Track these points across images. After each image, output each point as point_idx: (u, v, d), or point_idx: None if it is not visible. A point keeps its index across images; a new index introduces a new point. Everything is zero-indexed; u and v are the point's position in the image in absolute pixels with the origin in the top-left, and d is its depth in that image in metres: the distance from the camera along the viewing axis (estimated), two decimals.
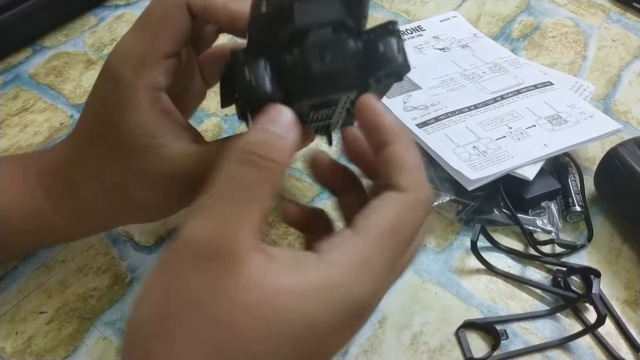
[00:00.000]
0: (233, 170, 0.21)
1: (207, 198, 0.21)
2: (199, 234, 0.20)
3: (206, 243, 0.20)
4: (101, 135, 0.29)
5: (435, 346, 0.36)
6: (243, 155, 0.21)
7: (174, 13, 0.27)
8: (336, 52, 0.23)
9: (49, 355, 0.34)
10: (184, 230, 0.21)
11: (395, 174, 0.23)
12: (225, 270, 0.20)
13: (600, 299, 0.36)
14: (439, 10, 0.60)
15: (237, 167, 0.21)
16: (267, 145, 0.22)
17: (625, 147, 0.42)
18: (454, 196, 0.42)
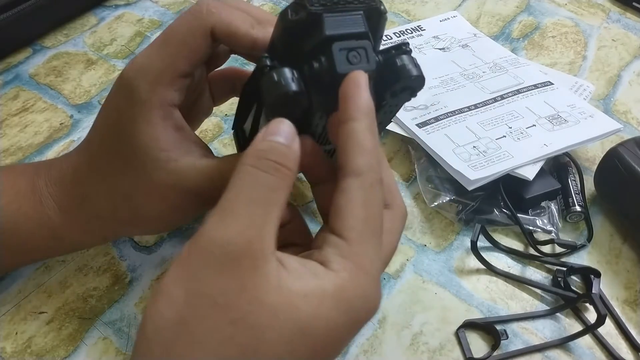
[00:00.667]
0: (253, 174, 0.22)
1: (230, 201, 0.22)
2: (226, 235, 0.21)
3: (231, 244, 0.21)
4: (112, 147, 0.29)
5: (435, 346, 0.36)
6: (260, 161, 0.22)
7: (198, 36, 0.27)
8: (362, 56, 0.25)
9: (49, 355, 0.34)
10: (207, 231, 0.21)
11: (350, 155, 0.23)
12: (251, 272, 0.21)
13: (600, 299, 0.36)
14: (439, 10, 0.60)
15: (257, 172, 0.22)
16: (278, 153, 0.23)
17: (625, 147, 0.42)
18: (454, 196, 0.42)
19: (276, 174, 0.22)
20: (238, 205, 0.22)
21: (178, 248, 0.39)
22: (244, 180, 0.22)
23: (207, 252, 0.21)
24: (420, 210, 0.43)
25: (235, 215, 0.21)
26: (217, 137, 0.47)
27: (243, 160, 0.23)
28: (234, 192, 0.22)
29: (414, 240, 0.41)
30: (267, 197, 0.22)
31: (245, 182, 0.22)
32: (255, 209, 0.21)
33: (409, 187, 0.44)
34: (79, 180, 0.30)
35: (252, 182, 0.22)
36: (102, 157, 0.30)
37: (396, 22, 0.59)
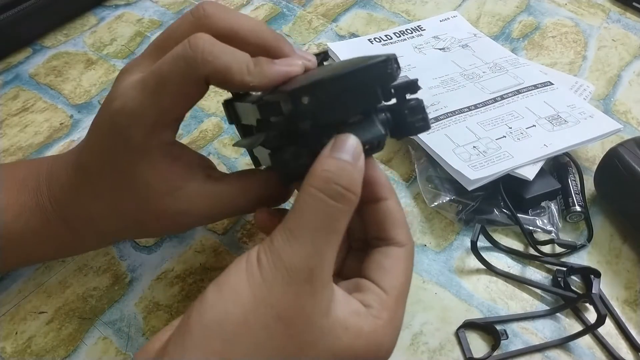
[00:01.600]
0: (319, 201, 0.23)
1: (296, 224, 0.23)
2: (292, 259, 0.23)
3: (298, 269, 0.22)
4: (115, 182, 0.29)
5: (435, 346, 0.36)
6: (327, 185, 0.23)
7: (192, 85, 0.27)
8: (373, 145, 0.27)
9: (49, 355, 0.34)
10: (277, 249, 0.23)
11: (393, 228, 0.28)
12: (310, 296, 0.23)
13: (600, 299, 0.36)
14: (439, 10, 0.60)
15: (323, 198, 0.23)
16: (346, 176, 0.24)
17: (625, 147, 0.42)
18: (454, 196, 0.42)
19: (342, 201, 0.24)
20: (303, 232, 0.23)
21: (178, 248, 0.39)
22: (310, 206, 0.23)
23: (278, 268, 0.23)
24: (420, 210, 0.43)
25: (300, 242, 0.23)
26: (217, 137, 0.47)
27: (310, 181, 0.24)
28: (300, 216, 0.23)
29: (413, 240, 0.41)
30: (331, 226, 0.23)
31: (311, 208, 0.23)
32: (319, 238, 0.23)
33: (409, 187, 0.44)
34: (83, 203, 0.30)
35: (318, 209, 0.23)
36: (105, 188, 0.29)
37: (396, 22, 0.59)
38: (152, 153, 0.28)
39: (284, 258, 0.23)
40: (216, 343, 0.22)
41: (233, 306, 0.22)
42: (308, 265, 0.23)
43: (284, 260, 0.23)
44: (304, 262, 0.23)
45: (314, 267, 0.23)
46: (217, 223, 0.41)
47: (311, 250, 0.23)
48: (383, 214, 0.28)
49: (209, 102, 0.48)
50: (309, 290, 0.23)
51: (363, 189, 0.26)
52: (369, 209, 0.28)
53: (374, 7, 0.61)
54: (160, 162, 0.28)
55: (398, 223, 0.28)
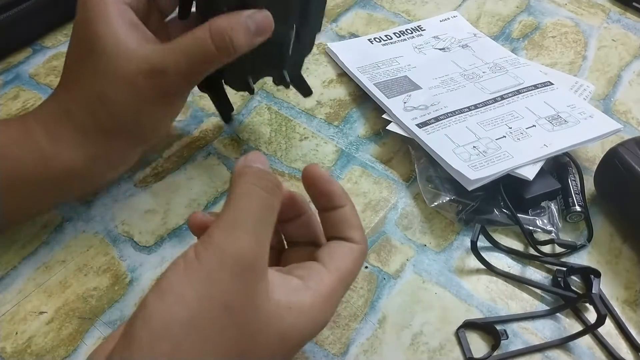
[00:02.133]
0: (259, 195, 0.25)
1: (237, 217, 0.24)
2: (239, 248, 0.23)
3: (244, 257, 0.23)
4: (82, 49, 0.32)
5: (435, 346, 0.36)
6: (261, 181, 0.26)
7: None
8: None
9: (49, 355, 0.34)
10: (219, 241, 0.23)
11: (349, 230, 0.30)
12: (256, 283, 0.24)
13: (600, 299, 0.36)
14: (439, 10, 0.60)
15: (261, 192, 0.25)
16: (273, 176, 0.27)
17: (625, 147, 0.42)
18: (454, 196, 0.42)
19: (274, 195, 0.26)
20: (245, 222, 0.24)
21: (178, 248, 0.39)
22: (249, 198, 0.25)
23: (221, 260, 0.23)
24: (420, 210, 0.43)
25: (243, 232, 0.24)
26: (217, 137, 0.47)
27: (245, 178, 0.26)
28: (241, 208, 0.25)
29: (414, 240, 0.41)
30: (270, 217, 0.26)
31: (251, 201, 0.25)
32: (262, 228, 0.25)
33: (409, 187, 0.44)
34: (60, 98, 0.33)
35: (259, 201, 0.25)
36: (74, 66, 0.33)
37: (396, 22, 0.59)
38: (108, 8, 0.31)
39: (227, 249, 0.23)
40: (164, 346, 0.21)
41: (177, 307, 0.22)
42: (254, 254, 0.23)
43: (228, 251, 0.23)
44: (248, 251, 0.23)
45: (258, 256, 0.24)
46: None
47: (254, 238, 0.24)
48: (340, 218, 0.30)
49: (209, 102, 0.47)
50: (253, 278, 0.23)
51: (321, 199, 0.30)
52: (328, 215, 0.31)
53: (374, 7, 0.61)
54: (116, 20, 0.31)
55: (354, 225, 0.30)
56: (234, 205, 0.25)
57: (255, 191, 0.25)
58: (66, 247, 0.39)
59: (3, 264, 0.37)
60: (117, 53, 0.31)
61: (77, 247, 0.39)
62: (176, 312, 0.22)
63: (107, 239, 0.39)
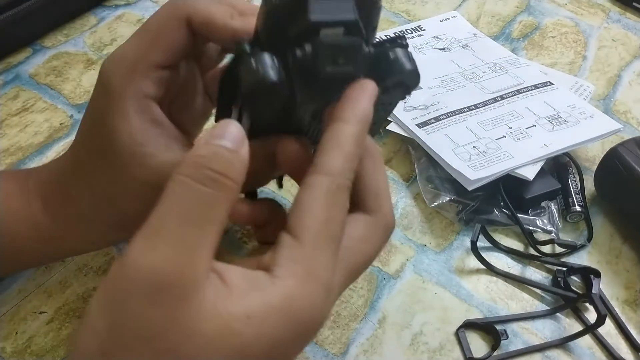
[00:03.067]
0: (187, 188, 0.20)
1: (159, 220, 0.19)
2: (153, 262, 0.18)
3: (159, 273, 0.18)
4: (93, 144, 0.28)
5: (435, 346, 0.36)
6: (197, 171, 0.20)
7: (172, 24, 0.27)
8: (349, 56, 0.22)
9: (49, 355, 0.34)
10: (133, 256, 0.19)
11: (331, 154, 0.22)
12: (182, 302, 0.19)
13: (600, 299, 0.36)
14: (439, 10, 0.60)
15: (192, 184, 0.19)
16: (221, 160, 0.20)
17: (625, 147, 0.42)
18: (454, 196, 0.42)
19: (215, 187, 0.20)
20: (168, 226, 0.19)
21: None
22: (176, 194, 0.20)
23: (132, 280, 0.19)
24: (420, 210, 0.43)
25: (164, 238, 0.19)
26: None
27: (178, 169, 0.20)
28: (165, 208, 0.19)
29: (414, 240, 0.41)
30: (203, 215, 0.19)
31: (177, 197, 0.19)
32: (187, 230, 0.19)
33: (409, 187, 0.44)
34: (64, 180, 0.30)
35: (185, 196, 0.19)
36: (84, 156, 0.29)
37: (396, 22, 0.59)
38: (127, 102, 0.26)
39: (141, 265, 0.18)
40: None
41: (88, 341, 0.19)
42: (175, 266, 0.18)
43: (142, 267, 0.18)
44: (168, 264, 0.18)
45: (182, 266, 0.19)
46: None
47: (178, 246, 0.19)
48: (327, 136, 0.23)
49: None
50: (177, 297, 0.18)
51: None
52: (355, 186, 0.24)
53: None
54: (135, 117, 0.26)
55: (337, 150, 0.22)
56: (159, 206, 0.20)
57: (186, 186, 0.19)
58: None
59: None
60: (133, 159, 0.27)
61: None
62: (89, 346, 0.19)
63: None
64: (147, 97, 0.27)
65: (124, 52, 0.27)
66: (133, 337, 0.18)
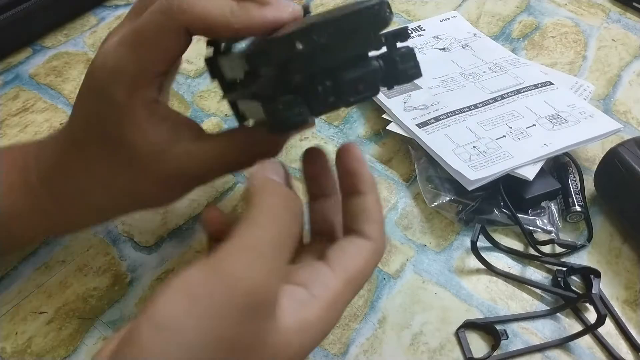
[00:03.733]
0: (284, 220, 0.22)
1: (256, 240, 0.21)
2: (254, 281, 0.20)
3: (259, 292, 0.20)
4: (103, 149, 0.28)
5: (435, 346, 0.36)
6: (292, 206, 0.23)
7: (171, 37, 0.26)
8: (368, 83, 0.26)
9: (49, 355, 0.34)
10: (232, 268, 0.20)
11: (365, 222, 0.27)
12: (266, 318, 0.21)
13: (600, 299, 0.36)
14: (439, 10, 0.60)
15: (286, 217, 0.23)
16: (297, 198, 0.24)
17: (625, 147, 0.42)
18: (454, 196, 0.42)
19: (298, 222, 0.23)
20: (268, 253, 0.21)
21: (178, 248, 0.39)
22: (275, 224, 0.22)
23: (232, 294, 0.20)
24: (420, 210, 0.43)
25: (264, 263, 0.21)
26: None
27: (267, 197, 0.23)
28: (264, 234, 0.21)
29: (414, 240, 0.41)
30: (291, 246, 0.23)
31: (277, 227, 0.22)
32: (281, 258, 0.22)
33: (409, 187, 0.44)
34: (73, 177, 0.30)
35: (283, 228, 0.22)
36: (93, 156, 0.29)
37: (396, 22, 0.59)
38: (136, 112, 0.27)
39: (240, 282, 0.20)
40: None
41: (176, 348, 0.19)
42: (269, 287, 0.21)
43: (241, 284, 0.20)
44: (264, 286, 0.20)
45: (272, 288, 0.21)
46: None
47: (272, 272, 0.21)
48: (360, 207, 0.27)
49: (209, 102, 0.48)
50: (265, 315, 0.21)
51: (346, 178, 0.27)
52: (349, 202, 0.27)
53: None
54: (145, 122, 0.27)
55: (372, 219, 0.27)
56: (253, 227, 0.21)
57: (278, 215, 0.22)
58: (66, 247, 0.38)
59: (3, 264, 0.37)
60: (150, 159, 0.28)
61: (77, 247, 0.39)
62: (174, 351, 0.19)
63: (107, 239, 0.39)
64: (152, 102, 0.28)
65: (122, 64, 0.26)
66: (224, 347, 0.20)
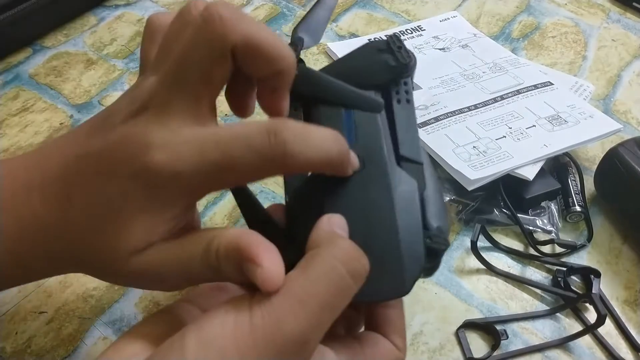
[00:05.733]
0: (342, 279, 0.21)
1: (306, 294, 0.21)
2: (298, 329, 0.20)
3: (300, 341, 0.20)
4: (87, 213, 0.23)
5: (435, 346, 0.36)
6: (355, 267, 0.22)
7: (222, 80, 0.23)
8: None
9: (49, 355, 0.34)
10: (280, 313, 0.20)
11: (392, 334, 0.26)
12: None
13: (600, 299, 0.36)
14: (439, 10, 0.60)
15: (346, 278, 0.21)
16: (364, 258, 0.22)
17: (625, 147, 0.42)
18: (454, 196, 0.42)
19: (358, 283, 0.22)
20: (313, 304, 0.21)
21: None
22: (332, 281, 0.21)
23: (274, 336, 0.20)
24: None
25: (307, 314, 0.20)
26: None
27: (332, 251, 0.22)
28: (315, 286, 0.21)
29: None
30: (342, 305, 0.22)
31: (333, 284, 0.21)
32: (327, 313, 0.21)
33: None
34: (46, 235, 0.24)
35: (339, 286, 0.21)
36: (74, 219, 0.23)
37: (396, 22, 0.59)
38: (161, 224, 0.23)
39: (284, 328, 0.20)
40: None
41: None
42: (306, 339, 0.21)
43: (284, 330, 0.20)
44: (304, 336, 0.20)
45: (311, 340, 0.21)
46: (216, 223, 0.41)
47: (315, 323, 0.21)
48: (387, 317, 0.27)
49: None
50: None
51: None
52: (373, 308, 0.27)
53: (374, 7, 0.60)
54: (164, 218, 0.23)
55: (398, 330, 0.26)
56: (309, 279, 0.21)
57: (338, 273, 0.21)
58: None
59: None
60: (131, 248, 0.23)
61: None
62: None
63: None
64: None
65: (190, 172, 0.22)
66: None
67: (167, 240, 0.24)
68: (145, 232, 0.23)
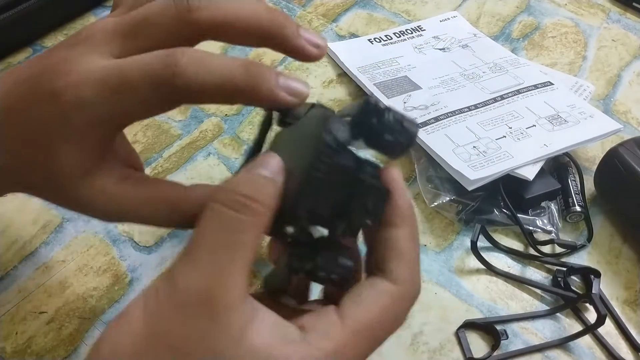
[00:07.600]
0: (218, 213, 0.21)
1: (195, 245, 0.21)
2: (187, 282, 0.20)
3: (194, 292, 0.20)
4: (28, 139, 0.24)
5: (435, 346, 0.36)
6: (229, 197, 0.21)
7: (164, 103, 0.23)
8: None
9: (49, 355, 0.34)
10: (174, 273, 0.20)
11: (392, 261, 0.23)
12: (210, 322, 0.20)
13: (600, 299, 0.36)
14: (439, 10, 0.60)
15: (223, 210, 0.21)
16: (256, 187, 0.21)
17: (625, 147, 0.42)
18: (454, 196, 0.42)
19: (245, 212, 0.21)
20: (201, 251, 0.20)
21: (178, 248, 0.39)
22: (209, 220, 0.21)
23: (172, 295, 0.20)
24: (420, 210, 0.43)
25: (197, 262, 0.20)
26: (217, 137, 0.47)
27: (213, 196, 0.21)
28: (200, 233, 0.21)
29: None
30: (233, 240, 0.20)
31: (210, 223, 0.21)
32: (219, 255, 0.20)
33: (409, 187, 0.44)
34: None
35: (217, 222, 0.21)
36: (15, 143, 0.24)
37: (396, 22, 0.59)
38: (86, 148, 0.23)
39: (179, 283, 0.20)
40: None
41: (124, 337, 0.20)
42: (206, 287, 0.20)
43: (179, 284, 0.20)
44: (200, 284, 0.20)
45: (213, 289, 0.20)
46: None
47: (210, 270, 0.20)
48: (389, 242, 0.23)
49: None
50: (208, 315, 0.20)
51: None
52: (379, 235, 0.24)
53: (374, 7, 0.61)
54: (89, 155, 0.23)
55: (401, 257, 0.23)
56: (195, 231, 0.21)
57: (215, 211, 0.21)
58: (66, 247, 0.39)
59: (3, 264, 0.37)
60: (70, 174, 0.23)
61: (77, 247, 0.39)
62: (124, 342, 0.20)
63: (107, 239, 0.39)
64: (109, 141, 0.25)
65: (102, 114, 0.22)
66: (165, 346, 0.20)
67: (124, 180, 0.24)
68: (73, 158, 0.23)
